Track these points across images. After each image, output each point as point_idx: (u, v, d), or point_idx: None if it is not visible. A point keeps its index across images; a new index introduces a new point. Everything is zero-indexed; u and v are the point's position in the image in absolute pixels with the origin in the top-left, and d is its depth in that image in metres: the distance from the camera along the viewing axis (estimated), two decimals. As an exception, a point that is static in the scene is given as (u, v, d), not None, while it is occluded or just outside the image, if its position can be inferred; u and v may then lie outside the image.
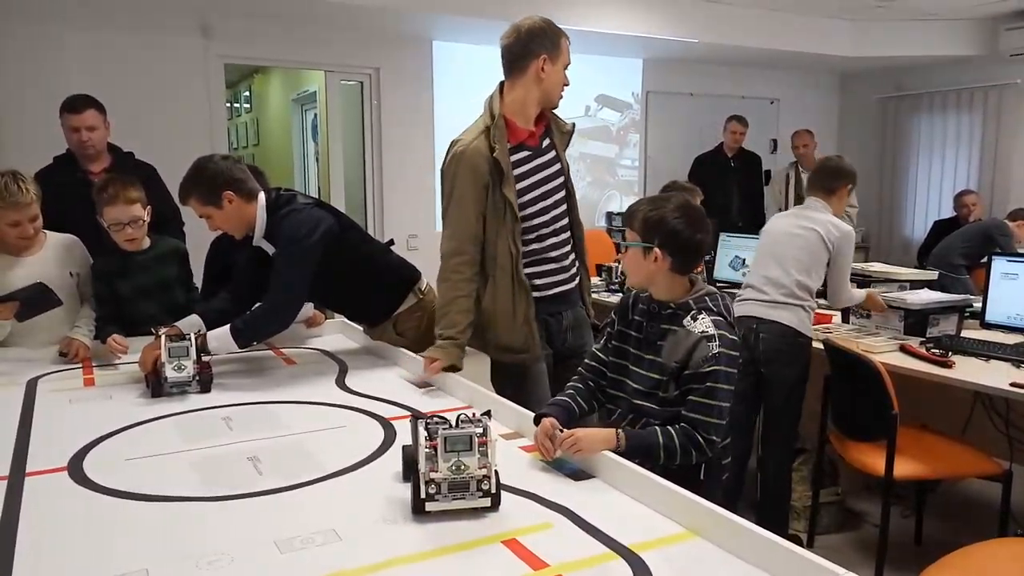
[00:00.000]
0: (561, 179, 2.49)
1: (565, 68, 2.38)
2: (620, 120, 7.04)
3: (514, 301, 2.35)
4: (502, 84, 2.40)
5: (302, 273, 2.42)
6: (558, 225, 2.47)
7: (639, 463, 1.62)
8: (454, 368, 2.30)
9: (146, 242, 2.74)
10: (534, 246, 2.42)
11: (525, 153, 2.40)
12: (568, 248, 2.51)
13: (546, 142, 2.46)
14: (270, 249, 2.46)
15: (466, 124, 2.45)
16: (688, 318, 1.85)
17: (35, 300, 2.51)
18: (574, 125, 2.57)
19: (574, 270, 2.54)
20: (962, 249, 5.02)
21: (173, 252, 2.84)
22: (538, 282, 2.42)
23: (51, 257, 2.70)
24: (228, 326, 2.37)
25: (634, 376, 1.93)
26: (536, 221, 2.42)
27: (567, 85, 2.42)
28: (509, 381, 2.40)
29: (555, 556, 1.26)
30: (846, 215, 3.77)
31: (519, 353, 2.39)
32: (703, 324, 1.82)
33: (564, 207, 2.49)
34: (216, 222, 2.45)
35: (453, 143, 2.39)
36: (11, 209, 2.50)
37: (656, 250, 1.85)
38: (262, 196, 2.46)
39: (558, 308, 2.49)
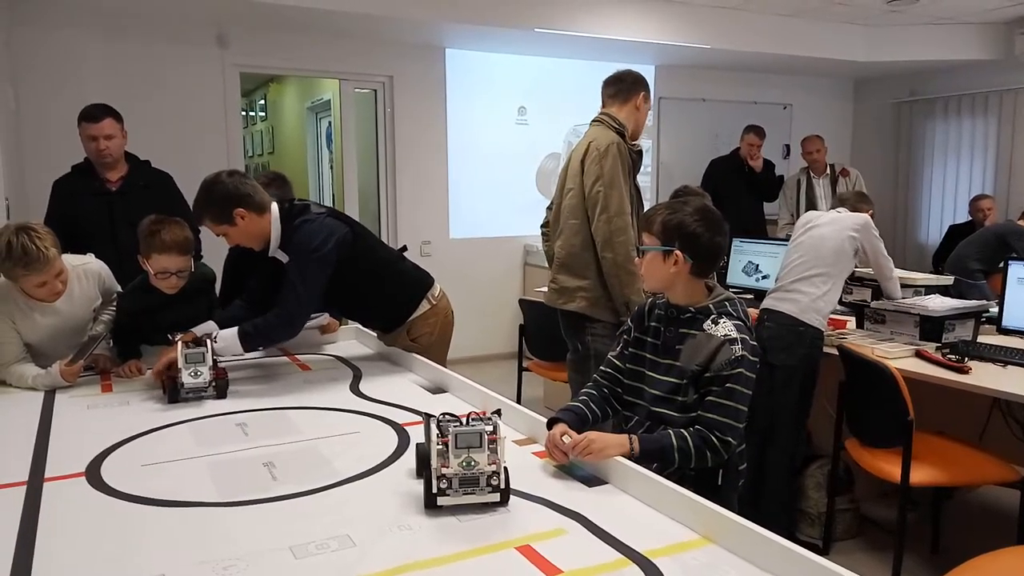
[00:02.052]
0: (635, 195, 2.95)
1: (648, 110, 3.06)
2: (632, 126, 7.01)
3: None
4: (603, 112, 2.98)
5: (314, 283, 2.44)
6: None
7: (657, 469, 1.62)
8: None
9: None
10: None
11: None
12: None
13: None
14: (285, 259, 2.47)
15: (479, 131, 2.56)
16: (708, 322, 1.86)
17: (86, 348, 2.50)
18: (639, 153, 3.02)
19: None
20: (978, 254, 4.97)
21: (202, 285, 2.71)
22: None
23: (76, 300, 2.56)
24: (236, 328, 2.39)
25: (651, 382, 1.93)
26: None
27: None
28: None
29: (568, 562, 1.26)
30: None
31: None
32: (725, 328, 1.83)
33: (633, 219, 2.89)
34: (233, 238, 2.47)
35: (592, 142, 2.86)
36: (35, 273, 2.33)
37: (676, 253, 1.87)
38: (275, 207, 2.48)
39: None
